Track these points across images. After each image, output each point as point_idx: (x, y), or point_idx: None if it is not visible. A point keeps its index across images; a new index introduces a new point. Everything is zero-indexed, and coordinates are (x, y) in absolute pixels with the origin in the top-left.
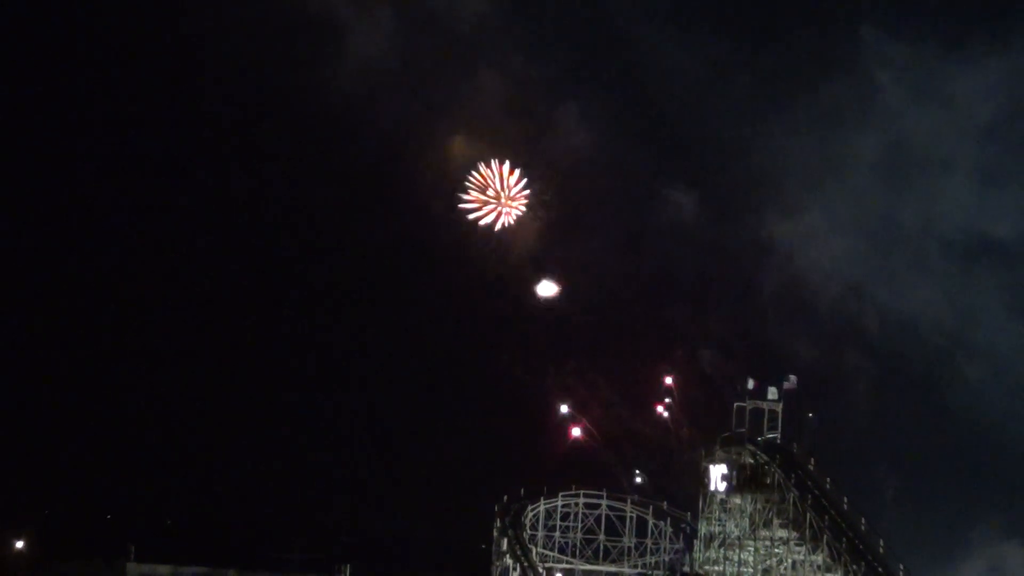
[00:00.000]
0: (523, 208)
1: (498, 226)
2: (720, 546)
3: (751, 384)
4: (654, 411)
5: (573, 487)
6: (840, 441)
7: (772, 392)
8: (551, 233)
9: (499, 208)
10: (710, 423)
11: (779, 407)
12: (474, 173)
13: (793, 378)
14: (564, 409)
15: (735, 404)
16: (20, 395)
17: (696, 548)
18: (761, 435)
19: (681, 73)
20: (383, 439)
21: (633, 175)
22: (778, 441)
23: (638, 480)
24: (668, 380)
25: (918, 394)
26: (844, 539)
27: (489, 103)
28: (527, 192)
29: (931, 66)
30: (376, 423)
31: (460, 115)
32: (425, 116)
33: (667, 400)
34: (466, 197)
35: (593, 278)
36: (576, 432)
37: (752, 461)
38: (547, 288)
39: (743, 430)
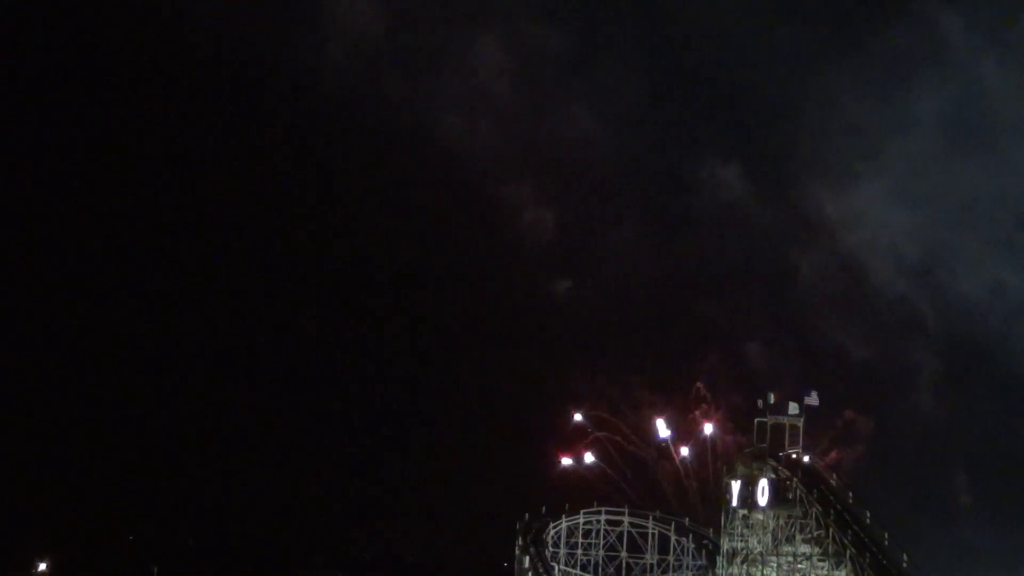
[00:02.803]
0: None
1: None
2: (743, 562)
3: (772, 399)
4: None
5: (595, 504)
6: (905, 445)
7: (793, 407)
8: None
9: None
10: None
11: (800, 422)
12: None
13: (814, 393)
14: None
15: (756, 420)
16: (42, 417)
17: (719, 564)
18: (783, 450)
19: (717, 26)
20: (404, 457)
21: (664, 148)
22: (800, 456)
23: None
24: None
25: (997, 389)
26: (867, 554)
27: (496, 77)
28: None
29: (1005, 7)
30: (398, 441)
31: (462, 93)
32: (424, 95)
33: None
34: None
35: (622, 271)
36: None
37: (774, 476)
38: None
39: (764, 445)
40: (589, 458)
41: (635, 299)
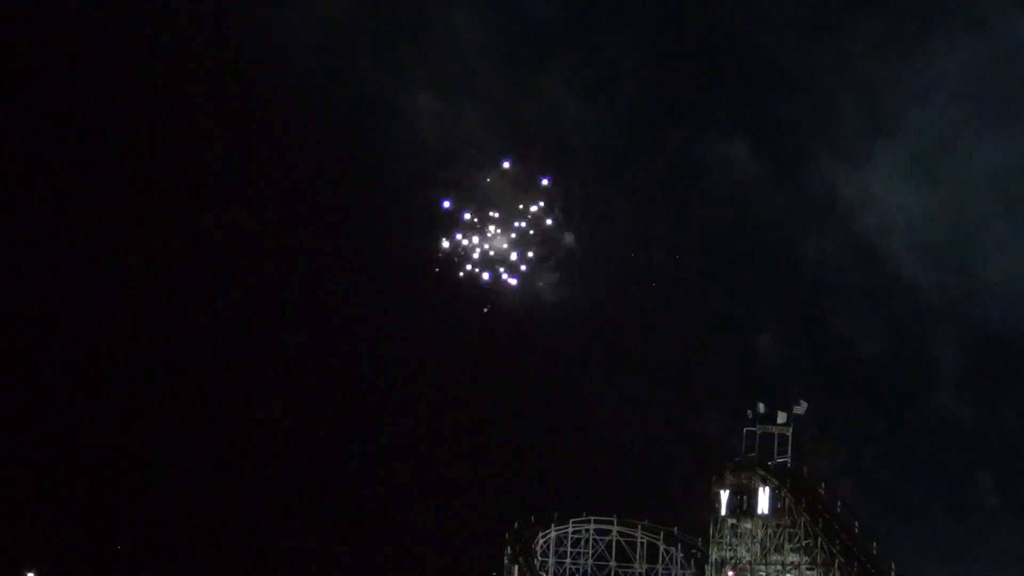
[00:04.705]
0: None
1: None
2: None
3: (761, 408)
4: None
5: (584, 513)
6: (925, 446)
7: (782, 416)
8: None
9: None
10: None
11: (789, 431)
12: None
13: (803, 403)
14: None
15: (744, 429)
16: (29, 423)
17: (707, 573)
18: (771, 459)
19: None
20: (389, 464)
21: (663, 126)
22: (788, 465)
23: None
24: None
25: None
26: (856, 563)
27: (477, 52)
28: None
29: None
30: (382, 449)
31: (439, 71)
32: (399, 75)
33: None
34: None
35: (618, 262)
36: None
37: (765, 486)
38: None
39: (753, 455)
40: None
41: (632, 292)
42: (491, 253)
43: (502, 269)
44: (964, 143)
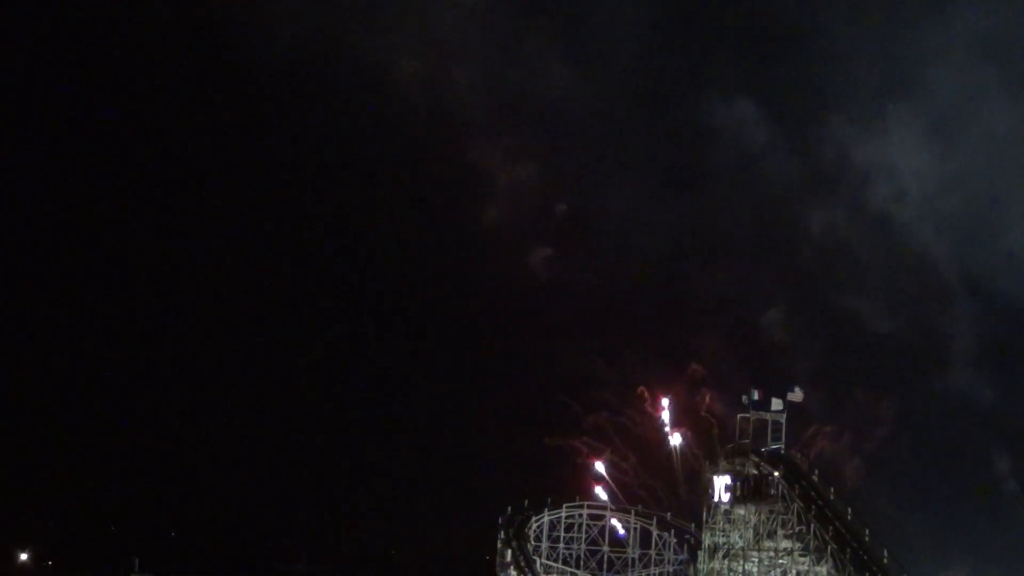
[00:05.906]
0: None
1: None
2: (724, 557)
3: (756, 395)
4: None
5: (577, 498)
6: (941, 428)
7: (777, 403)
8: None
9: None
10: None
11: (783, 418)
12: None
13: (798, 389)
14: None
15: (739, 415)
16: (24, 407)
17: (700, 559)
18: (765, 446)
19: None
20: (386, 451)
21: (664, 89)
22: (782, 452)
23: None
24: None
25: None
26: (848, 549)
27: (468, 16)
28: None
29: None
30: (379, 435)
31: (430, 36)
32: (388, 42)
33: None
34: None
35: (616, 237)
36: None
37: (756, 472)
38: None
39: (747, 441)
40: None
41: (632, 269)
42: None
43: None
44: (984, 107)
